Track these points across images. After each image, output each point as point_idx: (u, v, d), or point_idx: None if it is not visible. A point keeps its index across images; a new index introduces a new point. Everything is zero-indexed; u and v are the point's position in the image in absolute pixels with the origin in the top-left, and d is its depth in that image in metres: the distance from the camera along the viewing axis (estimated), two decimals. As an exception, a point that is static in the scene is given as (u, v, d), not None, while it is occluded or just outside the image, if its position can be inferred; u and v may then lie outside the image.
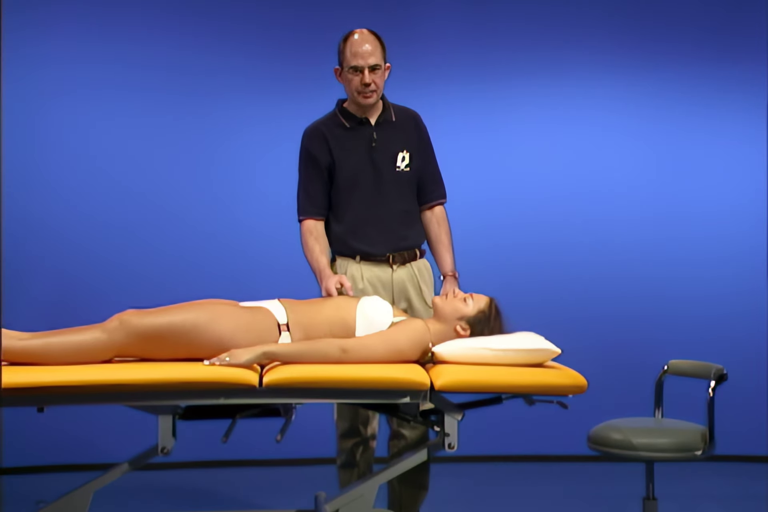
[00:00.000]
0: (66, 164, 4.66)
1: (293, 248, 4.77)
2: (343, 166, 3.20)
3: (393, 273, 3.20)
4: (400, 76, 4.84)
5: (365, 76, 3.09)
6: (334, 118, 3.25)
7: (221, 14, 4.81)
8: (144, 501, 4.06)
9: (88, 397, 2.52)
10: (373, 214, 3.19)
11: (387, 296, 3.18)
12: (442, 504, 4.08)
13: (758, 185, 4.91)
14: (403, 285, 3.20)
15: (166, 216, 4.73)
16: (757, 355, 4.83)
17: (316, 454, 4.79)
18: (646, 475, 2.98)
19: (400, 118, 3.25)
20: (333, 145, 3.21)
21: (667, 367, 3.18)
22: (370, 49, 3.08)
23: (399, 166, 3.20)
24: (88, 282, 4.64)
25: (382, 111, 3.23)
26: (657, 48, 4.93)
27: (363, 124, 3.21)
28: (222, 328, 2.66)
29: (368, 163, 3.19)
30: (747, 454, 4.81)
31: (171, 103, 4.76)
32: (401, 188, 3.21)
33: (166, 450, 2.61)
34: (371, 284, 3.19)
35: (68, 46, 4.67)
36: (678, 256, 4.91)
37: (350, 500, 2.65)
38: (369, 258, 3.20)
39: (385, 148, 3.20)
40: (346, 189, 3.20)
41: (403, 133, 3.23)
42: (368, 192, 3.19)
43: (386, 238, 3.19)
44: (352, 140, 3.21)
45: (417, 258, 3.25)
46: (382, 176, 3.19)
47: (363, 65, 3.08)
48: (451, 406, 2.65)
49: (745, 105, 4.93)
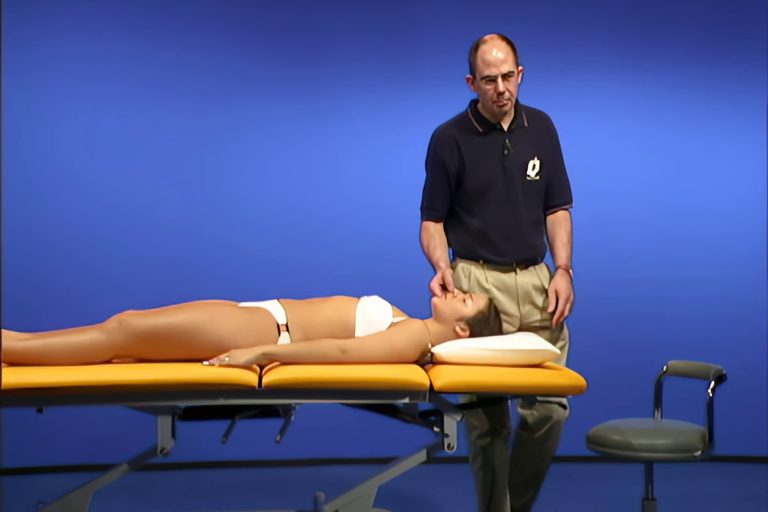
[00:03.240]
0: (59, 164, 4.64)
1: (292, 248, 4.82)
2: (473, 172, 3.13)
3: (516, 277, 3.15)
4: (399, 76, 4.90)
5: (498, 84, 3.01)
6: (466, 121, 3.17)
7: (218, 14, 4.80)
8: (143, 501, 4.06)
9: (88, 398, 2.52)
10: (501, 224, 3.13)
11: (511, 300, 3.15)
12: (442, 505, 4.08)
13: (758, 186, 4.91)
14: (527, 288, 3.15)
15: (165, 216, 4.72)
16: (756, 356, 4.83)
17: (315, 455, 4.79)
18: (645, 476, 2.99)
19: (532, 123, 3.17)
20: (465, 151, 3.14)
21: (666, 368, 3.18)
22: (502, 57, 3.00)
23: (529, 175, 3.13)
24: (83, 284, 4.63)
25: (515, 116, 3.15)
26: (656, 48, 4.92)
27: (496, 129, 3.14)
28: (221, 329, 2.66)
29: (500, 171, 3.12)
30: (746, 455, 4.81)
31: (166, 102, 4.74)
32: (530, 197, 3.15)
33: (166, 450, 2.61)
34: (496, 287, 3.15)
35: (64, 44, 4.64)
36: (677, 256, 4.91)
37: (349, 500, 2.65)
38: (493, 263, 3.16)
39: (516, 157, 3.12)
40: (476, 196, 3.15)
41: (535, 140, 3.16)
42: (498, 200, 3.13)
43: (513, 247, 3.14)
44: (485, 147, 3.13)
45: (538, 264, 3.20)
46: (512, 185, 3.12)
47: (496, 74, 3.01)
48: (450, 407, 2.65)
49: (744, 106, 4.93)
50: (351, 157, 4.88)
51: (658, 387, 3.17)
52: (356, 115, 4.88)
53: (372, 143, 4.89)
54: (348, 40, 4.86)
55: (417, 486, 4.27)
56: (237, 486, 4.37)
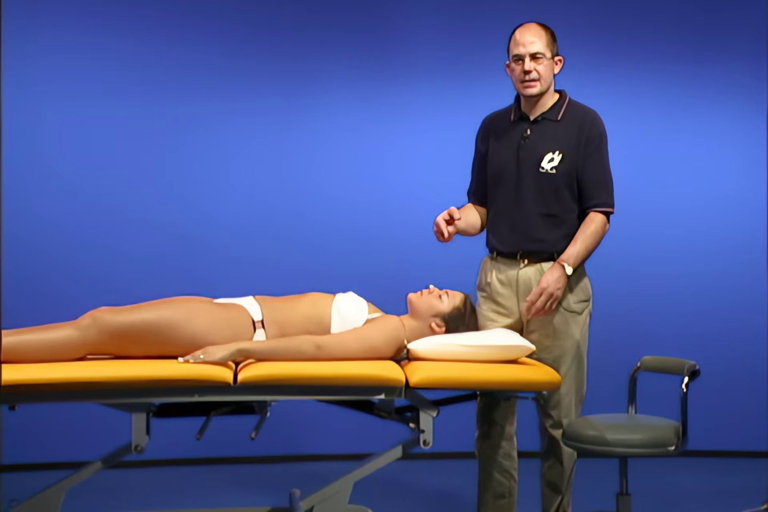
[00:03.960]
0: (33, 160, 4.58)
1: (268, 245, 4.81)
2: (492, 159, 3.17)
3: (519, 271, 3.11)
4: (374, 74, 4.89)
5: (525, 63, 3.03)
6: (507, 110, 3.22)
7: (193, 6, 4.76)
8: (117, 499, 4.03)
9: (61, 395, 2.51)
10: (507, 213, 3.12)
11: (512, 293, 3.11)
12: (419, 501, 4.09)
13: (736, 183, 4.95)
14: (529, 283, 3.08)
15: (139, 212, 4.69)
16: (729, 351, 4.88)
17: (290, 451, 4.78)
18: (619, 471, 3.00)
19: (567, 118, 3.11)
20: (491, 137, 3.19)
21: (640, 363, 3.20)
22: (532, 38, 3.04)
23: (543, 167, 3.06)
24: (57, 280, 4.59)
25: (550, 108, 3.12)
26: (637, 47, 4.94)
27: (523, 119, 3.14)
28: (197, 325, 2.65)
29: (513, 160, 3.11)
30: (719, 449, 4.85)
31: (139, 97, 4.69)
32: (542, 190, 3.07)
33: (140, 447, 2.60)
34: (500, 281, 3.14)
35: (36, 40, 4.59)
36: (650, 253, 4.94)
37: (325, 497, 2.65)
38: (501, 254, 3.15)
39: (533, 147, 3.09)
40: (492, 183, 3.17)
41: (562, 134, 3.09)
42: (508, 190, 3.12)
43: (517, 238, 3.10)
44: (508, 135, 3.15)
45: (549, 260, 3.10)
46: (523, 175, 3.09)
47: (524, 53, 3.04)
48: (426, 403, 2.65)
49: (724, 102, 4.97)
50: (327, 153, 4.86)
51: (632, 383, 3.19)
52: (333, 110, 4.87)
53: (348, 139, 4.88)
54: (326, 35, 4.84)
55: (394, 483, 4.27)
56: (212, 483, 4.35)
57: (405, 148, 4.89)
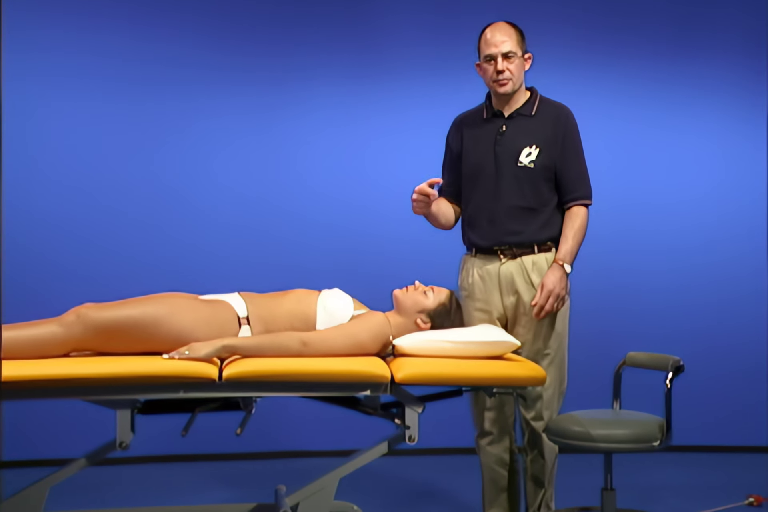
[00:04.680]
0: (18, 157, 4.55)
1: (253, 241, 4.80)
2: (468, 156, 3.21)
3: (501, 266, 3.15)
4: (360, 71, 4.88)
5: (498, 63, 3.07)
6: (479, 108, 3.26)
7: (181, 5, 4.75)
8: (102, 496, 4.02)
9: (45, 392, 2.49)
10: (486, 207, 3.15)
11: (494, 288, 3.15)
12: (405, 497, 4.09)
13: (720, 178, 4.97)
14: (511, 277, 3.13)
15: (125, 208, 4.67)
16: (714, 347, 4.90)
17: (276, 448, 4.78)
18: (604, 466, 3.01)
19: (541, 113, 3.16)
20: (465, 135, 3.23)
21: (625, 359, 3.21)
22: (503, 38, 3.08)
23: (521, 161, 3.11)
24: (42, 276, 4.56)
25: (523, 104, 3.17)
26: (618, 43, 4.95)
27: (497, 116, 3.19)
28: (181, 322, 2.64)
29: (491, 155, 3.15)
30: (703, 444, 4.88)
31: (122, 93, 4.67)
32: (521, 184, 3.11)
33: (125, 444, 2.59)
34: (480, 276, 3.18)
35: (14, 36, 4.57)
36: (635, 247, 4.96)
37: (311, 493, 2.65)
38: (480, 250, 3.19)
39: (509, 142, 3.14)
40: (468, 179, 3.21)
41: (537, 129, 3.14)
42: (486, 184, 3.15)
43: (495, 231, 3.14)
44: (483, 132, 3.19)
45: (534, 254, 3.14)
46: (501, 170, 3.13)
47: (496, 53, 3.08)
48: (411, 399, 2.65)
49: (703, 99, 4.99)
50: (312, 149, 4.86)
51: (617, 379, 3.20)
52: (318, 107, 4.86)
53: (334, 136, 4.87)
54: (312, 32, 4.83)
55: (380, 479, 4.27)
56: (197, 480, 4.34)
57: (390, 145, 4.89)
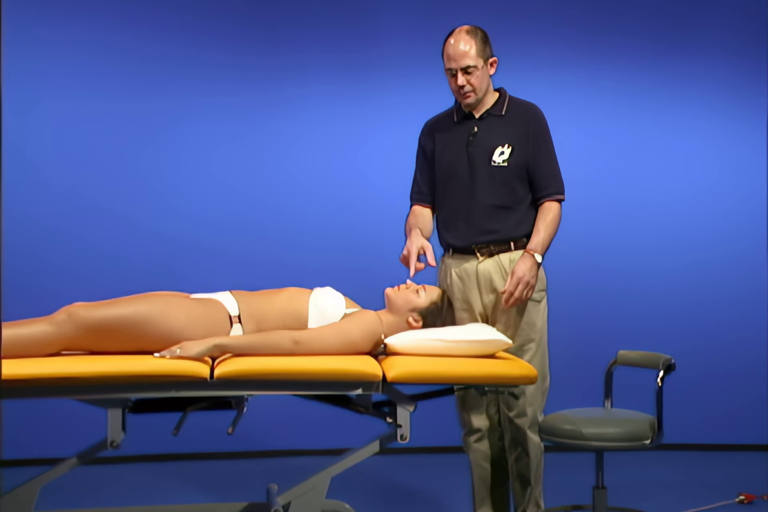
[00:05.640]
0: (9, 155, 4.54)
1: (245, 240, 4.79)
2: (441, 158, 3.22)
3: (478, 265, 3.17)
4: (351, 69, 4.88)
5: (458, 78, 3.09)
6: (450, 111, 3.28)
7: (174, 3, 4.75)
8: (93, 496, 4.01)
9: (36, 391, 2.48)
10: (462, 208, 3.17)
11: (473, 287, 3.17)
12: (397, 496, 4.10)
13: (711, 177, 4.99)
14: (489, 276, 3.15)
15: (116, 208, 4.67)
16: (706, 345, 4.91)
17: (267, 447, 4.78)
18: (596, 464, 3.02)
19: (511, 112, 3.19)
20: (437, 137, 3.24)
21: (617, 358, 3.22)
22: (462, 51, 3.06)
23: (495, 160, 3.14)
24: (34, 275, 4.55)
25: (493, 105, 3.20)
26: (606, 41, 4.97)
27: (468, 117, 3.20)
28: (173, 320, 2.63)
29: (464, 156, 3.17)
30: (694, 442, 4.89)
31: (113, 90, 4.67)
32: (495, 183, 3.14)
33: (116, 443, 2.59)
34: (458, 276, 3.19)
35: (16, 33, 4.56)
36: (628, 246, 4.97)
37: (302, 492, 2.64)
38: (457, 250, 3.20)
39: (482, 142, 3.16)
40: (442, 181, 3.22)
41: (508, 128, 3.17)
42: (461, 185, 3.17)
43: (472, 231, 3.16)
44: (454, 133, 3.21)
45: (511, 251, 3.16)
46: (476, 170, 3.15)
47: (455, 68, 3.08)
48: (403, 398, 2.65)
49: (691, 98, 5.00)
50: (304, 147, 4.85)
51: (608, 377, 3.21)
52: (310, 105, 4.86)
53: (326, 134, 4.87)
54: (304, 31, 4.83)
55: (372, 477, 4.28)
56: (189, 479, 4.34)
57: (382, 143, 4.89)
